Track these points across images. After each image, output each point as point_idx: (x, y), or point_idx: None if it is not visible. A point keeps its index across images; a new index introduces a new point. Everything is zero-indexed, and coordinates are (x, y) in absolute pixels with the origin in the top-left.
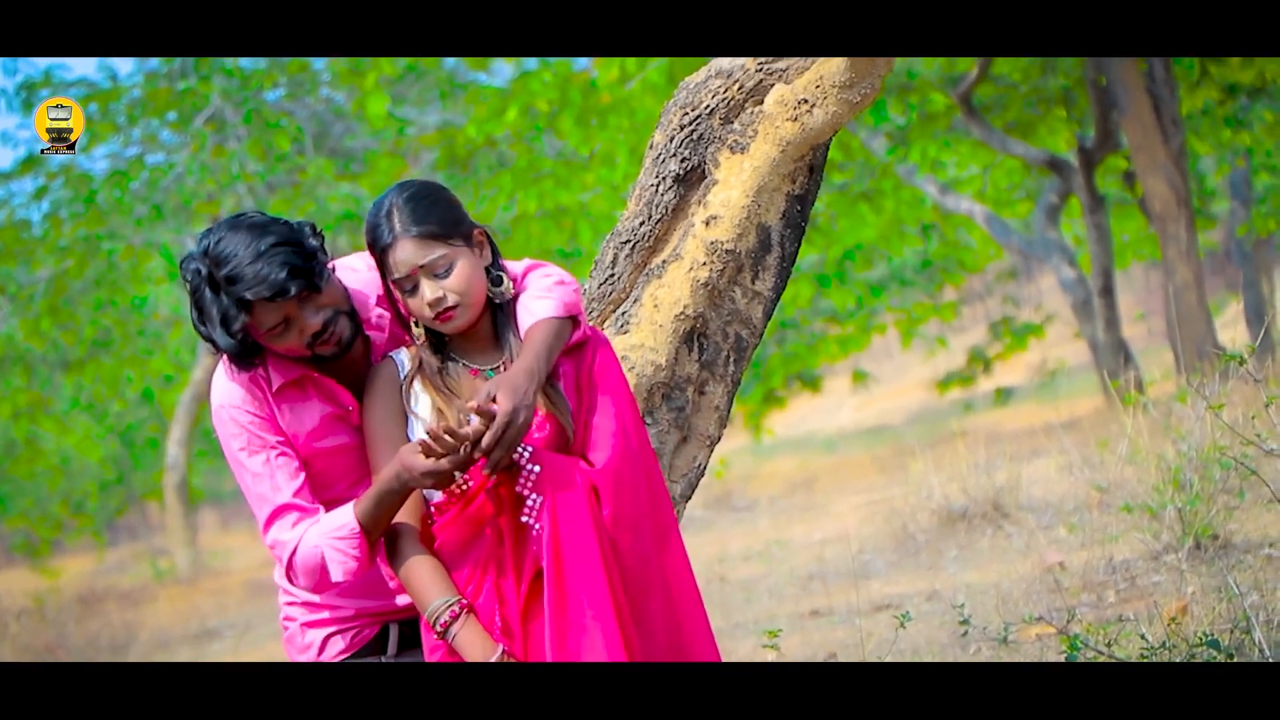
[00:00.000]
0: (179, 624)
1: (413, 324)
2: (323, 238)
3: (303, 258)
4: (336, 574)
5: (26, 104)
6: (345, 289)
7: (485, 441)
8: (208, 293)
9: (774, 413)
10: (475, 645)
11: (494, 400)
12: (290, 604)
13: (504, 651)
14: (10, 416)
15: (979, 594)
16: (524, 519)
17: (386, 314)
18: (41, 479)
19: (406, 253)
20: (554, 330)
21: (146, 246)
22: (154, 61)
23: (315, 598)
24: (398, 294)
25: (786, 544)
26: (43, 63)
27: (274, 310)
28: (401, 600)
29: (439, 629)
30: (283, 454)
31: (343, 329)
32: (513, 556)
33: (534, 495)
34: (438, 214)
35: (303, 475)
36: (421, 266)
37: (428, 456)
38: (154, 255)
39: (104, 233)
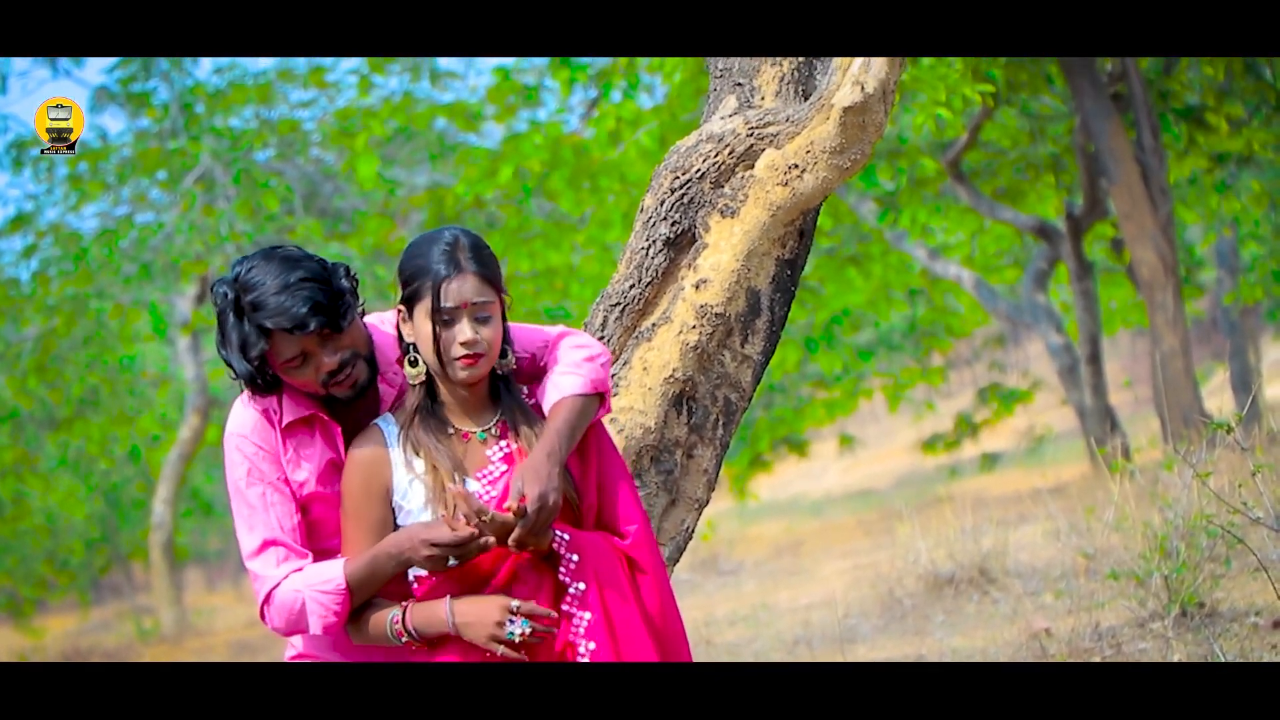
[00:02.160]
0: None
1: (408, 364)
2: (356, 281)
3: (328, 296)
4: (315, 626)
5: (17, 162)
6: (369, 335)
7: (518, 534)
8: (231, 317)
9: (760, 476)
10: (431, 617)
11: (522, 497)
12: (292, 659)
13: (451, 611)
14: None
15: (965, 659)
16: (566, 607)
17: (400, 373)
18: (26, 537)
19: (468, 286)
20: (579, 409)
21: (135, 305)
22: (144, 121)
23: (314, 654)
24: (425, 326)
25: (772, 608)
26: (34, 122)
27: (292, 343)
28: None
29: (398, 630)
30: (281, 492)
31: (359, 373)
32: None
33: (577, 584)
34: (495, 265)
35: (297, 518)
36: (473, 304)
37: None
38: (142, 314)
39: (92, 291)
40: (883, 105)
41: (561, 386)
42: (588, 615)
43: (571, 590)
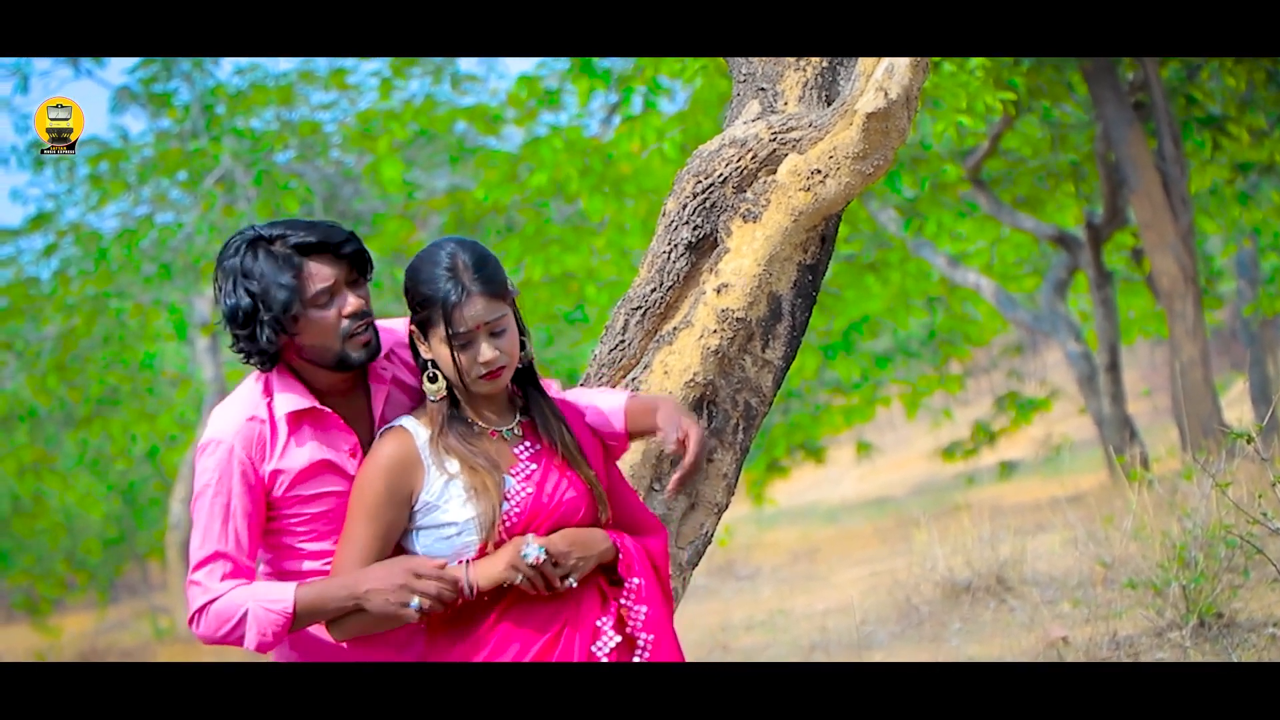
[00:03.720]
0: None
1: (428, 380)
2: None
3: (357, 239)
4: (250, 641)
5: (37, 162)
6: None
7: (686, 472)
8: (253, 255)
9: (777, 482)
10: (486, 567)
11: (684, 437)
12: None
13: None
14: (16, 473)
15: None
16: (624, 601)
17: (389, 369)
18: (43, 536)
19: (478, 309)
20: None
21: (154, 305)
22: (165, 121)
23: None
24: (443, 350)
25: (789, 614)
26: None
27: (326, 271)
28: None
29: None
30: (247, 509)
31: (372, 334)
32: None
33: (633, 579)
34: (500, 274)
35: (253, 539)
36: (486, 323)
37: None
38: (162, 314)
39: (112, 291)
40: (906, 111)
41: (612, 394)
42: (644, 609)
43: (628, 584)
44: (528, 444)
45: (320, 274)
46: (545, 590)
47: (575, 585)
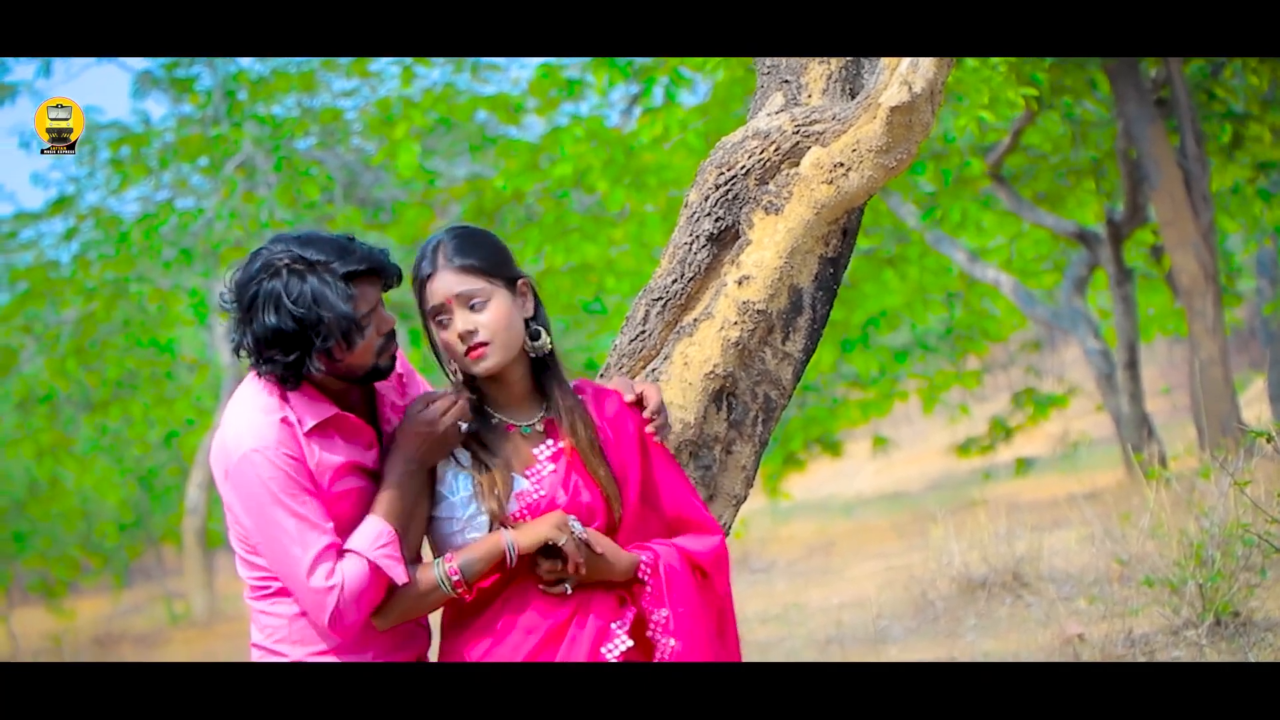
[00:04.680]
0: None
1: (450, 372)
2: None
3: (391, 259)
4: (399, 576)
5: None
6: None
7: (653, 408)
8: (308, 279)
9: (793, 475)
10: (481, 551)
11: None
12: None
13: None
14: (34, 456)
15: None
16: (650, 633)
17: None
18: (59, 519)
19: (445, 282)
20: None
21: (174, 290)
22: (187, 107)
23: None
24: (434, 331)
25: (804, 607)
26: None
27: (371, 290)
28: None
29: (454, 578)
30: (316, 499)
31: (396, 347)
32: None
33: (659, 610)
34: (481, 252)
35: (326, 516)
36: (457, 295)
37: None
38: (182, 299)
39: (132, 275)
40: (930, 105)
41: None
42: (673, 642)
43: (655, 618)
44: (549, 442)
45: (366, 298)
46: (569, 569)
47: (569, 593)
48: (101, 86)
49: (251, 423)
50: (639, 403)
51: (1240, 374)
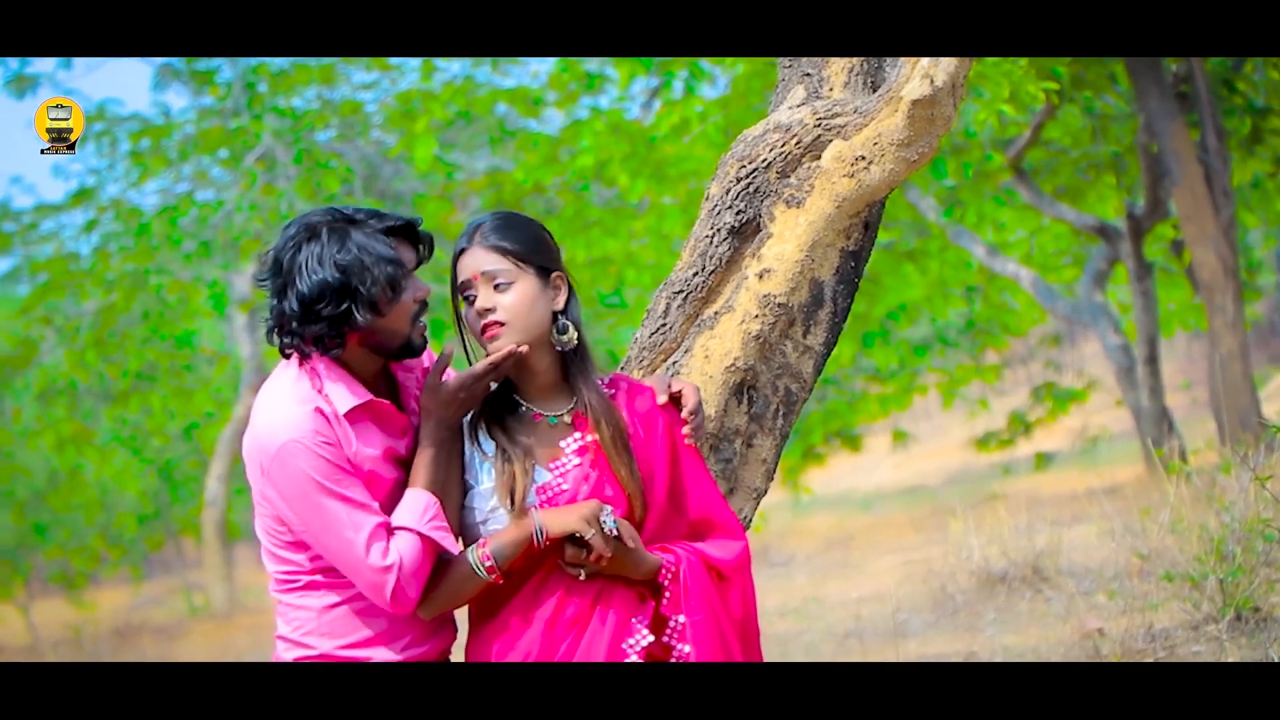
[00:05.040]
0: (214, 658)
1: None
2: None
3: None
4: (452, 546)
5: (80, 137)
6: None
7: (690, 430)
8: (351, 234)
9: (812, 469)
10: (511, 535)
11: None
12: (301, 660)
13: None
14: (55, 447)
15: (1017, 658)
16: (666, 639)
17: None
18: (79, 510)
19: (475, 258)
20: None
21: (194, 282)
22: (207, 99)
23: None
24: (462, 308)
25: (823, 601)
26: (97, 96)
27: (408, 251)
28: (417, 651)
29: (486, 564)
30: (358, 483)
31: (426, 326)
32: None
33: (677, 617)
34: (517, 235)
35: (370, 495)
36: (483, 273)
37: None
38: (201, 291)
39: (152, 267)
40: (951, 99)
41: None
42: (687, 648)
43: (672, 624)
44: (577, 435)
45: (405, 257)
46: (591, 559)
47: (581, 578)
48: (122, 79)
49: (286, 414)
50: (676, 402)
51: (1260, 369)
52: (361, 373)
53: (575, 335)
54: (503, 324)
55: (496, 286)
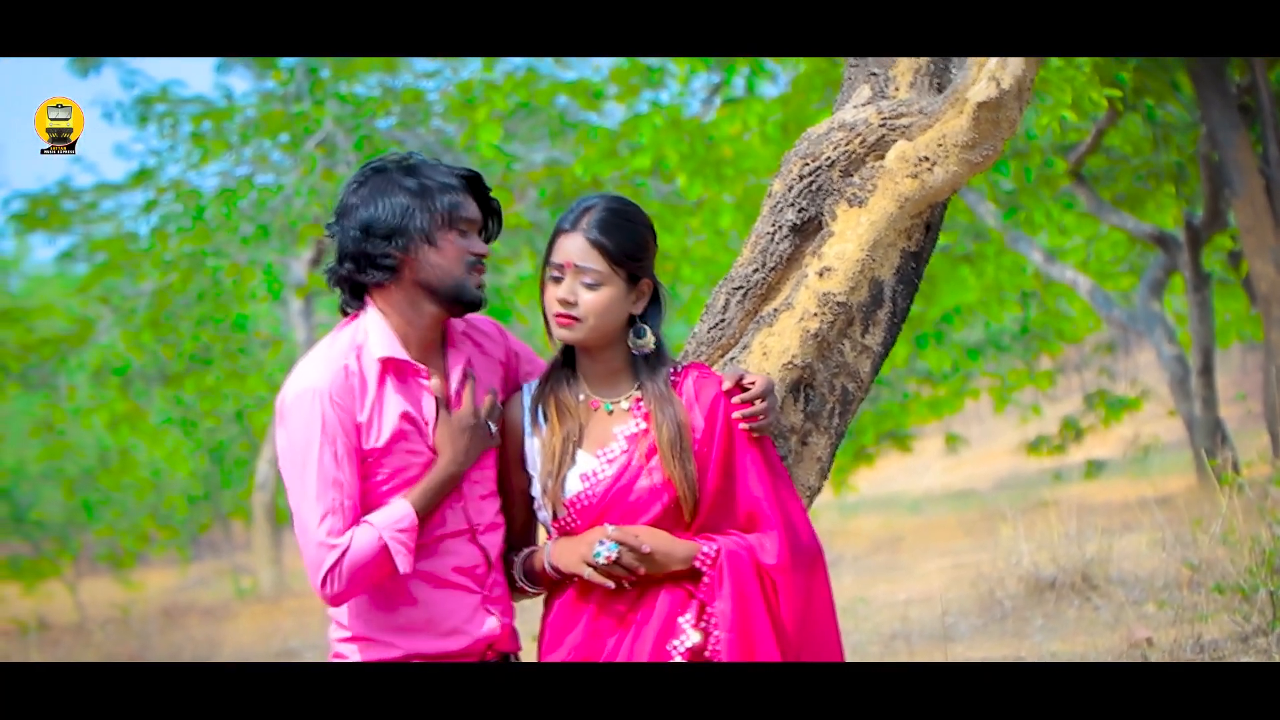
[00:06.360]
0: (261, 641)
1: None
2: None
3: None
4: (404, 564)
5: (142, 118)
6: None
7: (757, 411)
8: (419, 168)
9: (862, 469)
10: (533, 563)
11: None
12: (342, 640)
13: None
14: (108, 425)
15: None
16: (704, 625)
17: (467, 341)
18: (130, 490)
19: (575, 245)
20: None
21: (251, 265)
22: (269, 83)
23: (366, 636)
24: (547, 284)
25: (870, 602)
26: (161, 78)
27: (473, 205)
28: (460, 643)
29: (520, 583)
30: (351, 455)
31: (483, 281)
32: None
33: (717, 603)
34: (620, 237)
35: (358, 483)
36: (576, 266)
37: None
38: (257, 274)
39: (210, 249)
40: (1018, 103)
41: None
42: (722, 635)
43: (710, 609)
44: (634, 423)
45: (470, 205)
46: (610, 586)
47: (626, 587)
48: (185, 60)
49: (315, 363)
50: (741, 388)
51: None
52: (407, 334)
53: (652, 341)
54: (578, 320)
55: (583, 281)
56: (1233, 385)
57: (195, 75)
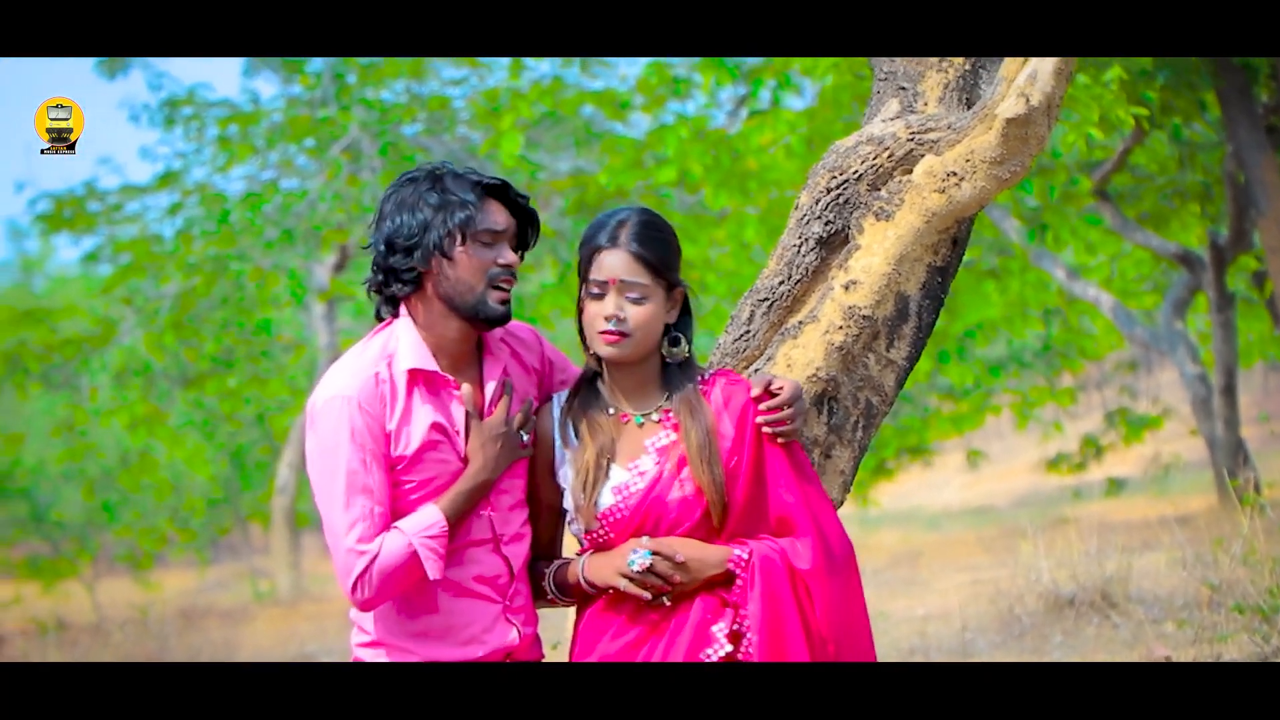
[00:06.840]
0: (278, 645)
1: (586, 347)
2: None
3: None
4: (434, 571)
5: (168, 121)
6: None
7: (786, 417)
8: (444, 180)
9: (881, 484)
10: (565, 575)
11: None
12: (362, 645)
13: (582, 564)
14: (128, 426)
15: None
16: (736, 626)
17: (504, 349)
18: (149, 492)
19: (618, 261)
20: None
21: (274, 270)
22: (296, 88)
23: (386, 641)
24: (586, 300)
25: (889, 616)
26: (188, 81)
27: (501, 214)
28: (478, 651)
29: (549, 595)
30: (381, 464)
31: (510, 297)
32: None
33: (747, 606)
34: (659, 249)
35: (388, 490)
36: (622, 281)
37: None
38: (281, 279)
39: (234, 253)
40: (1046, 119)
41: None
42: (753, 638)
43: (742, 611)
44: (664, 434)
45: (493, 215)
46: (647, 597)
47: (669, 604)
48: (212, 63)
49: (344, 370)
50: (769, 394)
51: None
52: (437, 344)
53: (687, 349)
54: (626, 335)
55: (630, 297)
56: (1255, 405)
57: (222, 79)
